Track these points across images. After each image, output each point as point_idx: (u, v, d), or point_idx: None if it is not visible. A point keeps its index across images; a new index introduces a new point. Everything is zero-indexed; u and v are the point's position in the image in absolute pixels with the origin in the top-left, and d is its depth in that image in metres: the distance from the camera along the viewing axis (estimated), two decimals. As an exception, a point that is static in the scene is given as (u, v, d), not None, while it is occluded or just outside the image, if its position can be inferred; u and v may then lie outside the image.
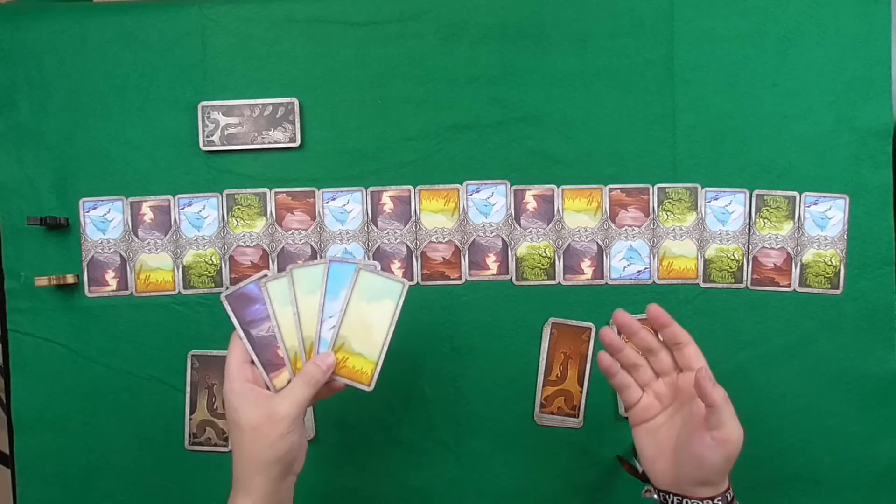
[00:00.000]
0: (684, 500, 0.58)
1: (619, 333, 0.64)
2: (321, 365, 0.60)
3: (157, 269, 0.79)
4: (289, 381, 0.62)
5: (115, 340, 0.79)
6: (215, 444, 0.78)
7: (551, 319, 0.77)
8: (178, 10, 0.78)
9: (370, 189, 0.78)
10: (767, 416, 0.77)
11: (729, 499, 0.59)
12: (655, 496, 0.61)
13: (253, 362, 0.62)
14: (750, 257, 0.78)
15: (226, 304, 0.61)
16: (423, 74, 0.78)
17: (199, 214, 0.79)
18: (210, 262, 0.79)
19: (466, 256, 0.78)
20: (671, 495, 0.59)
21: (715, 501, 0.58)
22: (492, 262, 0.78)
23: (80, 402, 0.79)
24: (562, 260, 0.78)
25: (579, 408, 0.77)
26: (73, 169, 0.79)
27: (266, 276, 0.62)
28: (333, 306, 0.59)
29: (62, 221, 0.78)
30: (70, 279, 0.77)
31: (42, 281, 0.75)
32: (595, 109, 0.78)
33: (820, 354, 0.77)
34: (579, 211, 0.78)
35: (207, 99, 0.78)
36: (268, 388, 0.62)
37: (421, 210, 0.78)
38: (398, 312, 0.62)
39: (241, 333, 0.61)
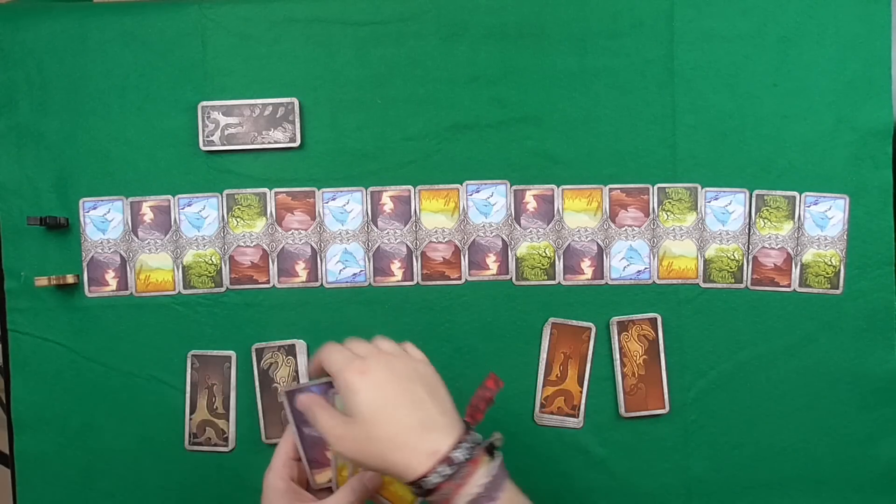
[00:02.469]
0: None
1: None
2: (368, 484, 0.57)
3: (157, 269, 0.79)
4: (329, 481, 0.60)
5: (115, 340, 0.79)
6: (215, 444, 0.78)
7: (551, 319, 0.77)
8: (178, 10, 0.78)
9: (370, 189, 0.78)
10: (767, 416, 0.77)
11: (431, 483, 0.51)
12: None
13: (300, 460, 0.60)
14: (750, 257, 0.78)
15: (284, 399, 0.59)
16: (423, 74, 0.78)
17: (199, 214, 0.79)
18: (210, 262, 0.79)
19: (466, 256, 0.78)
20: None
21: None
22: (492, 262, 0.78)
23: (80, 402, 0.79)
24: (562, 260, 0.78)
25: (579, 408, 0.77)
26: (73, 169, 0.79)
27: (332, 385, 0.58)
28: None
29: (62, 221, 0.78)
30: (70, 279, 0.77)
31: (42, 281, 0.75)
32: (595, 109, 0.78)
33: (820, 354, 0.77)
34: (579, 211, 0.78)
35: (207, 99, 0.78)
36: (308, 483, 0.60)
37: (421, 210, 0.78)
38: None
39: (294, 429, 0.59)
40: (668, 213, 0.78)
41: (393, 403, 0.52)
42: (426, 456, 0.50)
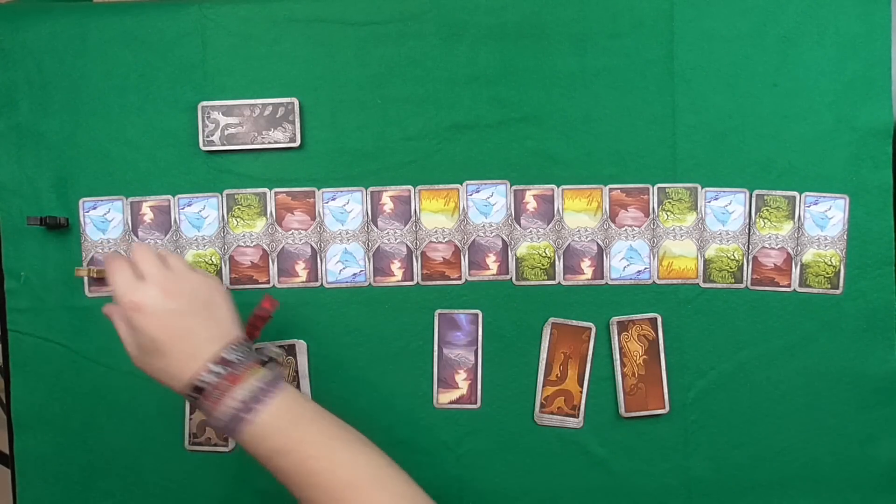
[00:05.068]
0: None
1: None
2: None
3: (157, 269, 0.79)
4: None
5: (115, 340, 0.77)
6: (215, 444, 0.78)
7: (551, 319, 0.77)
8: (178, 10, 0.78)
9: (370, 189, 0.78)
10: (767, 416, 0.77)
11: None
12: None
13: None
14: (750, 257, 0.78)
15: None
16: (423, 74, 0.78)
17: (199, 214, 0.79)
18: (210, 262, 0.79)
19: (466, 256, 0.78)
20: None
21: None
22: (492, 262, 0.78)
23: (80, 402, 0.79)
24: (562, 260, 0.78)
25: (579, 408, 0.77)
26: (73, 169, 0.79)
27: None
28: None
29: (62, 221, 0.78)
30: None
31: (82, 272, 0.75)
32: (595, 109, 0.78)
33: (820, 354, 0.77)
34: (579, 211, 0.78)
35: (207, 99, 0.78)
36: None
37: (421, 210, 0.78)
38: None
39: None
40: (668, 213, 0.78)
41: (168, 334, 0.57)
42: (201, 360, 0.56)
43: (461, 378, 0.77)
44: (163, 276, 0.60)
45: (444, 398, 0.71)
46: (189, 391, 0.57)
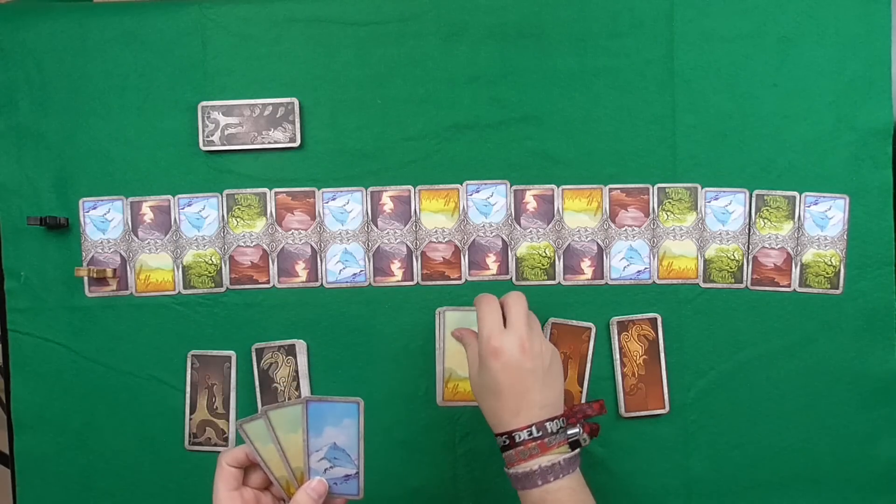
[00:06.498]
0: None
1: None
2: (312, 494, 0.59)
3: (157, 269, 0.79)
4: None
5: (115, 340, 0.79)
6: (215, 444, 0.78)
7: (551, 319, 0.77)
8: (178, 10, 0.78)
9: (370, 189, 0.78)
10: (767, 416, 0.77)
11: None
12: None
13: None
14: (750, 257, 0.78)
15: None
16: (423, 74, 0.78)
17: (199, 214, 0.79)
18: (210, 262, 0.79)
19: (466, 256, 0.78)
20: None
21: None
22: (492, 262, 0.78)
23: (80, 402, 0.79)
24: (562, 260, 0.78)
25: (579, 408, 0.77)
26: (73, 169, 0.79)
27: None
28: (318, 441, 0.59)
29: (62, 221, 0.78)
30: (108, 272, 0.77)
31: (82, 272, 0.75)
32: (595, 109, 0.78)
33: (820, 354, 0.77)
34: (579, 211, 0.78)
35: (207, 99, 0.78)
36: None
37: (421, 210, 0.78)
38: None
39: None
40: (668, 213, 0.78)
41: (510, 384, 0.63)
42: (527, 420, 0.62)
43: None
44: (526, 331, 0.64)
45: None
46: (504, 437, 0.63)
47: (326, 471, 0.58)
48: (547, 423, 0.62)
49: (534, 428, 0.62)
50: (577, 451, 0.64)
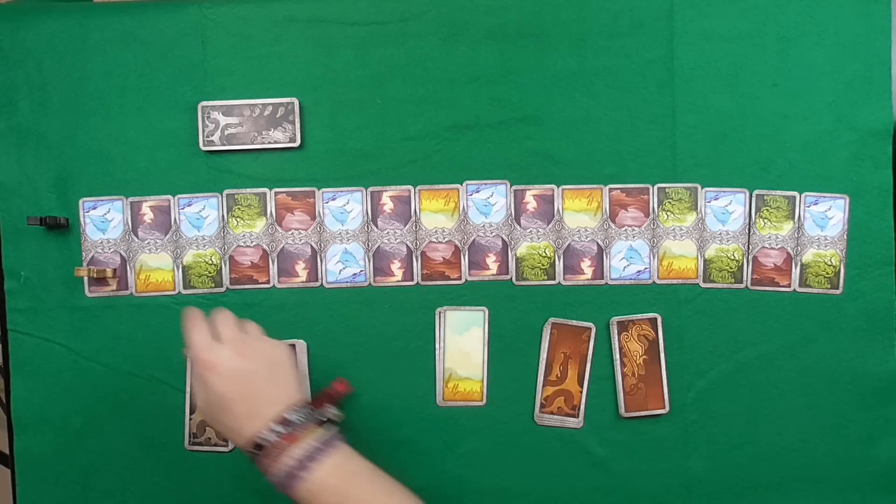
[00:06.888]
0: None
1: None
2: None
3: (157, 269, 0.79)
4: None
5: (115, 340, 0.79)
6: (215, 444, 0.78)
7: (551, 319, 0.78)
8: (178, 10, 0.78)
9: (370, 189, 0.78)
10: (767, 416, 0.77)
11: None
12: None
13: None
14: (750, 257, 0.78)
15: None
16: (423, 74, 0.78)
17: (199, 214, 0.79)
18: (210, 262, 0.79)
19: (466, 256, 0.78)
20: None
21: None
22: (492, 262, 0.78)
23: (80, 402, 0.79)
24: (562, 260, 0.78)
25: (579, 408, 0.77)
26: (73, 169, 0.79)
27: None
28: None
29: (62, 221, 0.78)
30: (109, 272, 0.78)
31: (82, 272, 0.76)
32: (595, 109, 0.78)
33: (820, 354, 0.77)
34: (579, 211, 0.78)
35: (207, 99, 0.78)
36: None
37: (421, 210, 0.78)
38: (487, 335, 0.74)
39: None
40: (668, 213, 0.78)
41: (236, 393, 0.61)
42: (263, 420, 0.60)
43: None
44: (238, 339, 0.64)
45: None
46: (250, 447, 0.60)
47: None
48: (286, 415, 0.61)
49: (273, 424, 0.60)
50: (334, 431, 0.62)
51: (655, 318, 0.77)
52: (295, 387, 0.64)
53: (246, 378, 0.61)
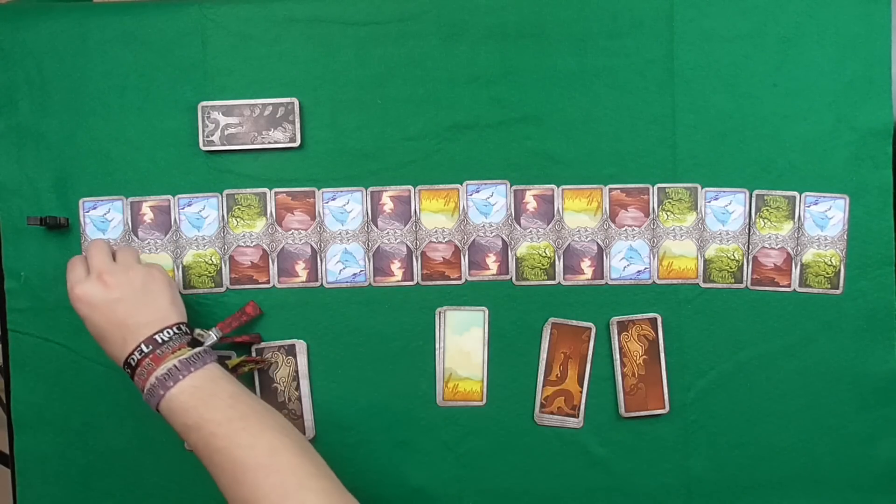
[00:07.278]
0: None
1: None
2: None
3: (157, 269, 0.79)
4: None
5: (115, 340, 0.78)
6: (215, 444, 0.78)
7: (551, 319, 0.78)
8: (178, 10, 0.78)
9: (370, 189, 0.78)
10: (767, 416, 0.77)
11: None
12: None
13: None
14: (750, 257, 0.78)
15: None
16: (423, 74, 0.78)
17: (199, 214, 0.79)
18: (210, 262, 0.79)
19: (466, 256, 0.78)
20: None
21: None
22: (492, 262, 0.78)
23: (80, 402, 0.79)
24: (562, 260, 0.78)
25: (579, 408, 0.77)
26: (73, 169, 0.79)
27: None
28: None
29: (62, 221, 0.78)
30: None
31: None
32: (595, 109, 0.78)
33: (820, 354, 0.77)
34: (579, 211, 0.78)
35: (207, 99, 0.78)
36: None
37: (421, 210, 0.78)
38: (487, 335, 0.76)
39: None
40: (668, 213, 0.78)
41: (107, 321, 0.65)
42: (136, 342, 0.64)
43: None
44: (106, 269, 0.67)
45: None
46: (126, 369, 0.65)
47: None
48: (156, 336, 0.64)
49: (142, 345, 0.64)
50: (197, 349, 0.65)
51: (655, 318, 0.77)
52: (168, 309, 0.67)
53: (112, 306, 0.65)
